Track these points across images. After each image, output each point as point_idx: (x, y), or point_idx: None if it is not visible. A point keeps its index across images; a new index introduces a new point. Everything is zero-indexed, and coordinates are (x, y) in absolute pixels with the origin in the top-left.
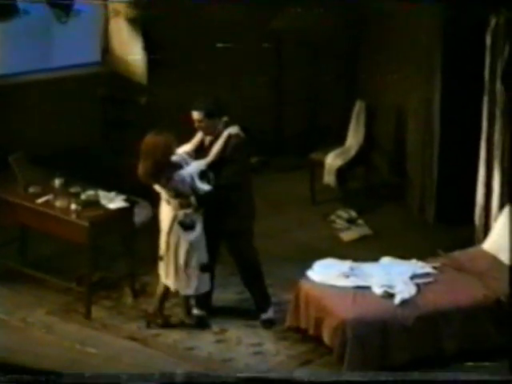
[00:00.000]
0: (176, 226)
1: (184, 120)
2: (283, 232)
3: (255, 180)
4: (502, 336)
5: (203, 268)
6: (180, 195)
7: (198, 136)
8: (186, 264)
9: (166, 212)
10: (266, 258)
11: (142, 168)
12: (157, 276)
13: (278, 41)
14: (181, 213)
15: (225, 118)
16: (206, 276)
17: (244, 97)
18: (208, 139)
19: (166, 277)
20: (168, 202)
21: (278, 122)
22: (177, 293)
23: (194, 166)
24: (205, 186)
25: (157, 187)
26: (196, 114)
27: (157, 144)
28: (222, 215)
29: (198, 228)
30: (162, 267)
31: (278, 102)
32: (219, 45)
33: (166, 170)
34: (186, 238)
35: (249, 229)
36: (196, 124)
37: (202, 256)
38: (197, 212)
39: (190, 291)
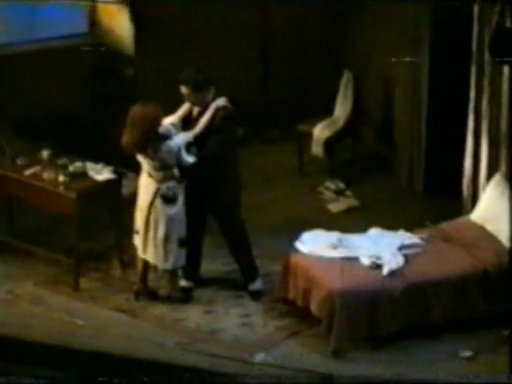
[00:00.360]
0: (158, 199)
1: (173, 93)
2: (271, 203)
3: (243, 152)
4: (489, 306)
5: (181, 243)
6: (164, 167)
7: (186, 106)
8: (166, 238)
9: (147, 185)
10: (254, 229)
11: (128, 138)
12: None
13: (265, 12)
14: (163, 186)
15: (212, 89)
16: (183, 251)
17: (231, 68)
18: (196, 110)
19: (144, 251)
20: (150, 175)
21: (266, 93)
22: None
23: (181, 138)
24: (190, 158)
25: (140, 159)
26: (184, 89)
27: (145, 114)
28: (209, 186)
29: (180, 201)
30: (139, 241)
31: (266, 73)
32: None
33: (153, 140)
34: (167, 212)
35: (236, 200)
36: (185, 97)
37: (181, 230)
38: (179, 185)
39: (168, 266)
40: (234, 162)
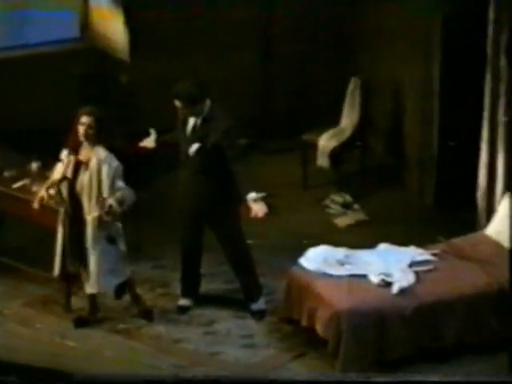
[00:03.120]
0: None
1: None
2: (274, 218)
3: (244, 164)
4: (505, 326)
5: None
6: None
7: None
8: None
9: None
10: (256, 245)
11: None
12: (141, 265)
13: (269, 14)
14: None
15: (208, 101)
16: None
17: (232, 73)
18: (192, 121)
19: None
20: None
21: (268, 101)
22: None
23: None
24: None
25: None
26: (178, 103)
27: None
28: (209, 201)
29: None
30: None
31: (267, 79)
32: None
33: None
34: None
35: (236, 213)
36: (180, 111)
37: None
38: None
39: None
40: (233, 175)
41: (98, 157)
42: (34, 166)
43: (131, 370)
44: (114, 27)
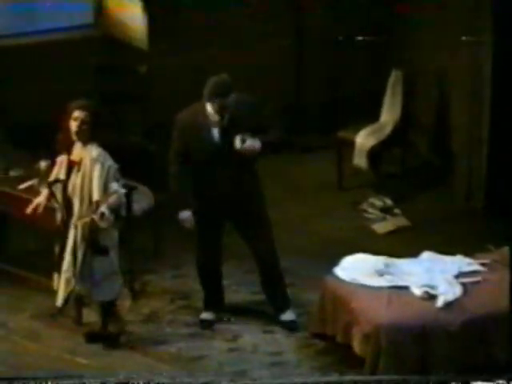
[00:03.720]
0: None
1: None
2: (305, 222)
3: (273, 162)
4: None
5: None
6: None
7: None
8: None
9: None
10: (285, 252)
11: None
12: (160, 274)
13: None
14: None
15: (233, 95)
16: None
17: (259, 64)
18: (216, 119)
19: None
20: None
21: (299, 93)
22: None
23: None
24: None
25: None
26: (218, 100)
27: None
28: (245, 197)
29: None
30: None
31: (300, 71)
32: None
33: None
34: None
35: (266, 215)
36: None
37: None
38: None
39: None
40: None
41: (90, 156)
42: (43, 164)
43: None
44: (131, 13)
